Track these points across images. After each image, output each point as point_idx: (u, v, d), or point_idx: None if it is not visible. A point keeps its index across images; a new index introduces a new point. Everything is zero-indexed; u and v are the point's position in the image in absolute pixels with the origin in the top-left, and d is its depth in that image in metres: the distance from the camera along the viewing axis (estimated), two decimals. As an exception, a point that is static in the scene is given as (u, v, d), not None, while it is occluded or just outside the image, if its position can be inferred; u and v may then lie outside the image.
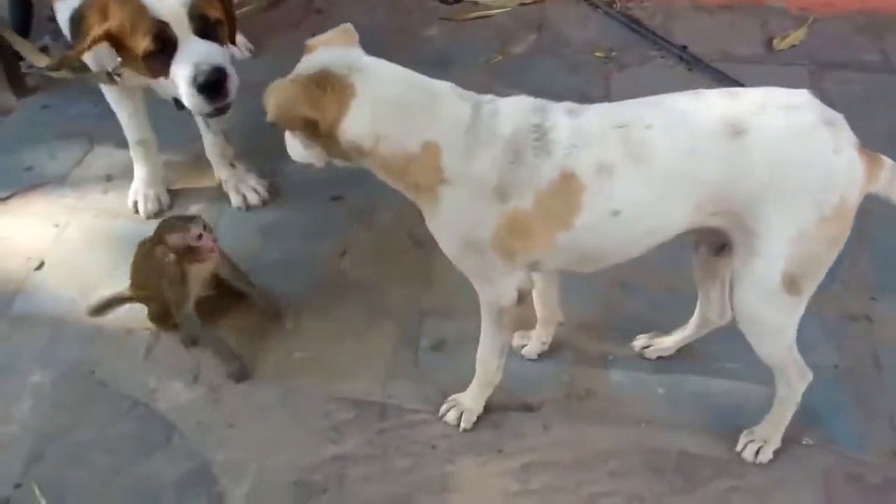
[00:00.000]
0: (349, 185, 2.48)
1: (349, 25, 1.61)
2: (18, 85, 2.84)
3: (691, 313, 1.93)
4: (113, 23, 1.86)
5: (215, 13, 1.93)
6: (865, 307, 2.06)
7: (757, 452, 1.76)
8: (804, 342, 1.97)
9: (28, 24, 2.84)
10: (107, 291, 2.15)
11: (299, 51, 1.59)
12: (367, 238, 2.33)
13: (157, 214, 2.40)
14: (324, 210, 2.42)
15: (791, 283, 1.53)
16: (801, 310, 1.59)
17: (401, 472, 1.80)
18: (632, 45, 3.00)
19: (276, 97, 1.48)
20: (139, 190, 2.42)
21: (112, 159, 2.59)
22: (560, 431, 1.84)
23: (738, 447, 1.78)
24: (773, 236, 1.49)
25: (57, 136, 2.71)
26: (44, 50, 2.61)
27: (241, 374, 1.98)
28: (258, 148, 2.59)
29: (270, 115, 1.49)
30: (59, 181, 2.55)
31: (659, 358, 1.97)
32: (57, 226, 2.40)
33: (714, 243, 1.71)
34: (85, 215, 2.43)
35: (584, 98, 2.75)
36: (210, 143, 2.42)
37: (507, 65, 2.95)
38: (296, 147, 1.62)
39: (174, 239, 1.94)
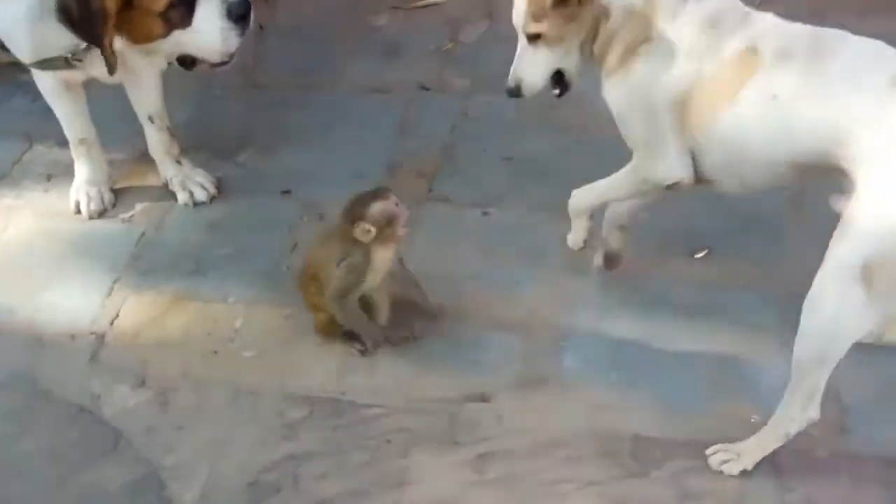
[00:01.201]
0: (298, 179, 2.45)
1: None
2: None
3: (640, 294, 1.93)
4: None
5: None
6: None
7: (724, 462, 1.71)
8: (750, 321, 2.01)
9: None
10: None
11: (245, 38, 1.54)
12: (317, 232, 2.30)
13: (100, 214, 2.34)
14: (273, 204, 2.38)
15: (868, 275, 1.41)
16: (866, 319, 1.47)
17: (357, 467, 1.78)
18: (582, 30, 2.99)
19: None
20: (81, 189, 2.35)
21: (53, 157, 2.52)
22: (514, 420, 1.84)
23: (708, 451, 1.73)
24: (871, 209, 1.42)
25: (-8, 134, 2.62)
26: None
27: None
28: (204, 144, 2.55)
29: (532, 24, 1.73)
30: (-3, 181, 2.47)
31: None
32: (-6, 228, 2.33)
33: None
34: (24, 216, 2.36)
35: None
36: (155, 140, 2.35)
37: (458, 53, 2.92)
38: (532, 63, 1.80)
39: (376, 209, 1.80)
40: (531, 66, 1.79)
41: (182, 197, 2.36)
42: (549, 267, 2.15)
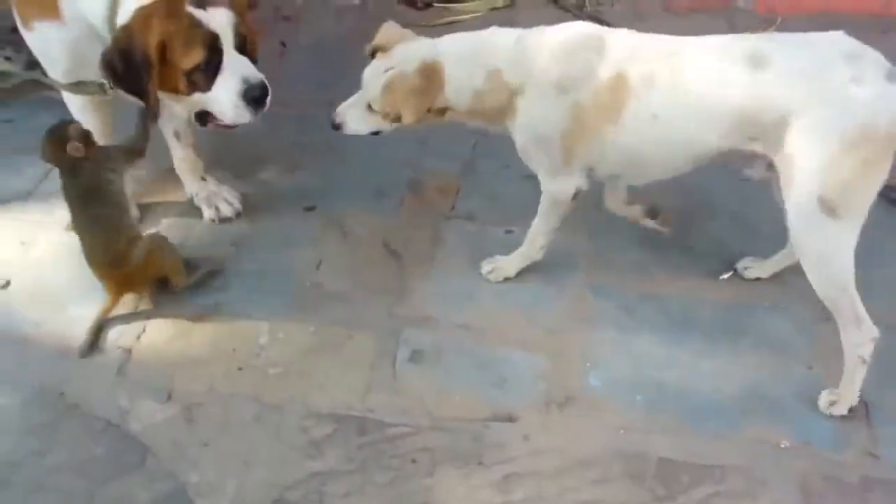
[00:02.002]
0: (322, 195, 2.47)
1: (391, 22, 2.01)
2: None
3: (665, 315, 1.93)
4: (162, 36, 1.83)
5: (248, 30, 1.98)
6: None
7: (832, 404, 1.85)
8: (778, 344, 2.00)
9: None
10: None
11: (268, 56, 1.57)
12: (341, 249, 2.31)
13: (126, 229, 2.35)
14: (297, 221, 2.39)
15: (829, 208, 1.64)
16: (849, 239, 1.68)
17: (381, 486, 1.78)
18: (603, 48, 3.01)
19: (395, 94, 1.88)
20: (108, 205, 2.37)
21: (80, 174, 2.54)
22: (540, 440, 1.84)
23: (821, 403, 1.86)
24: (804, 162, 1.65)
25: (20, 151, 2.63)
26: (7, 61, 2.56)
27: None
28: (229, 160, 2.57)
29: (380, 106, 1.90)
30: (25, 197, 2.49)
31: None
32: (23, 243, 2.35)
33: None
34: (52, 232, 2.37)
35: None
36: (180, 157, 2.38)
37: (480, 70, 2.94)
38: (361, 120, 1.98)
39: (73, 127, 2.03)
40: (359, 122, 1.99)
41: (208, 213, 2.38)
42: (574, 286, 2.16)
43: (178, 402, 1.94)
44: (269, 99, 1.98)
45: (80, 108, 2.22)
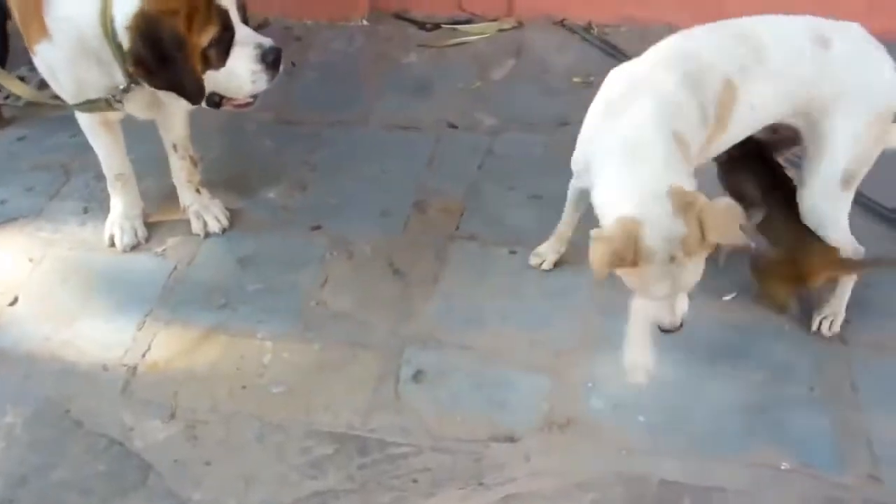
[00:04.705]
0: (328, 214, 2.49)
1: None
2: (-5, 117, 2.83)
3: (668, 336, 1.92)
4: (186, 9, 1.83)
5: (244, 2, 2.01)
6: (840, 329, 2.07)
7: (830, 326, 2.03)
8: (780, 365, 1.99)
9: (4, 54, 2.82)
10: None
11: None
12: (347, 268, 2.32)
13: (133, 248, 2.38)
14: (303, 240, 2.41)
15: (846, 180, 1.86)
16: (848, 204, 1.92)
17: (382, 506, 1.78)
18: (609, 69, 2.99)
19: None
20: (116, 223, 2.39)
21: (89, 191, 2.58)
22: (541, 461, 1.83)
23: (813, 327, 2.03)
24: (839, 137, 1.82)
25: (33, 167, 2.69)
26: (21, 80, 2.60)
27: None
28: (236, 179, 2.60)
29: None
30: (35, 214, 2.52)
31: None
32: (32, 260, 2.37)
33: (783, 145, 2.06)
34: (60, 249, 2.41)
35: (563, 123, 2.78)
36: (177, 167, 2.40)
37: (487, 90, 2.97)
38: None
39: None
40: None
41: (196, 226, 2.41)
42: (577, 307, 2.16)
43: (181, 420, 1.95)
44: (282, 63, 2.01)
45: (88, 127, 2.25)
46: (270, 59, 1.98)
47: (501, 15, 3.31)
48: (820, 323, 2.05)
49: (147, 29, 1.83)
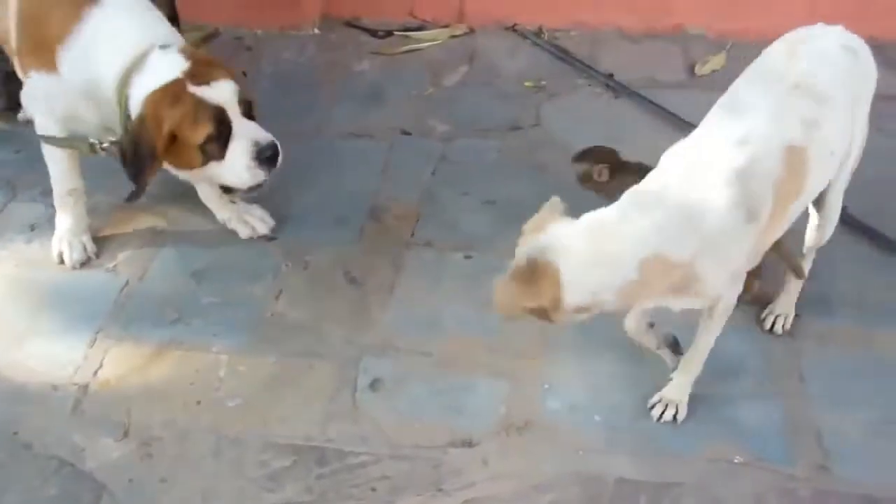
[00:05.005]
0: (283, 225, 2.47)
1: (556, 199, 1.73)
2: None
3: (623, 336, 1.95)
4: (171, 124, 1.96)
5: (250, 95, 2.09)
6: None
7: (783, 325, 2.11)
8: (732, 359, 2.03)
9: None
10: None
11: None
12: (302, 278, 2.31)
13: (83, 264, 2.34)
14: (257, 251, 2.39)
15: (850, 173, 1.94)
16: None
17: (342, 517, 1.77)
18: (560, 74, 3.07)
19: (498, 297, 1.64)
20: (64, 239, 2.35)
21: (36, 208, 2.52)
22: (499, 465, 1.84)
23: (766, 326, 2.11)
24: (858, 141, 1.89)
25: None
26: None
27: None
28: (189, 193, 2.55)
29: (499, 311, 1.65)
30: (-21, 232, 2.46)
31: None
32: (-24, 280, 2.32)
33: None
34: (7, 267, 2.35)
35: (516, 127, 2.81)
36: (206, 191, 2.42)
37: (439, 97, 2.98)
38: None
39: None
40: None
41: (244, 232, 2.42)
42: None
43: (134, 438, 1.92)
44: (280, 158, 2.07)
45: (53, 155, 2.26)
46: (266, 156, 2.04)
47: (453, 21, 3.33)
48: (773, 322, 2.09)
49: (137, 131, 1.98)
